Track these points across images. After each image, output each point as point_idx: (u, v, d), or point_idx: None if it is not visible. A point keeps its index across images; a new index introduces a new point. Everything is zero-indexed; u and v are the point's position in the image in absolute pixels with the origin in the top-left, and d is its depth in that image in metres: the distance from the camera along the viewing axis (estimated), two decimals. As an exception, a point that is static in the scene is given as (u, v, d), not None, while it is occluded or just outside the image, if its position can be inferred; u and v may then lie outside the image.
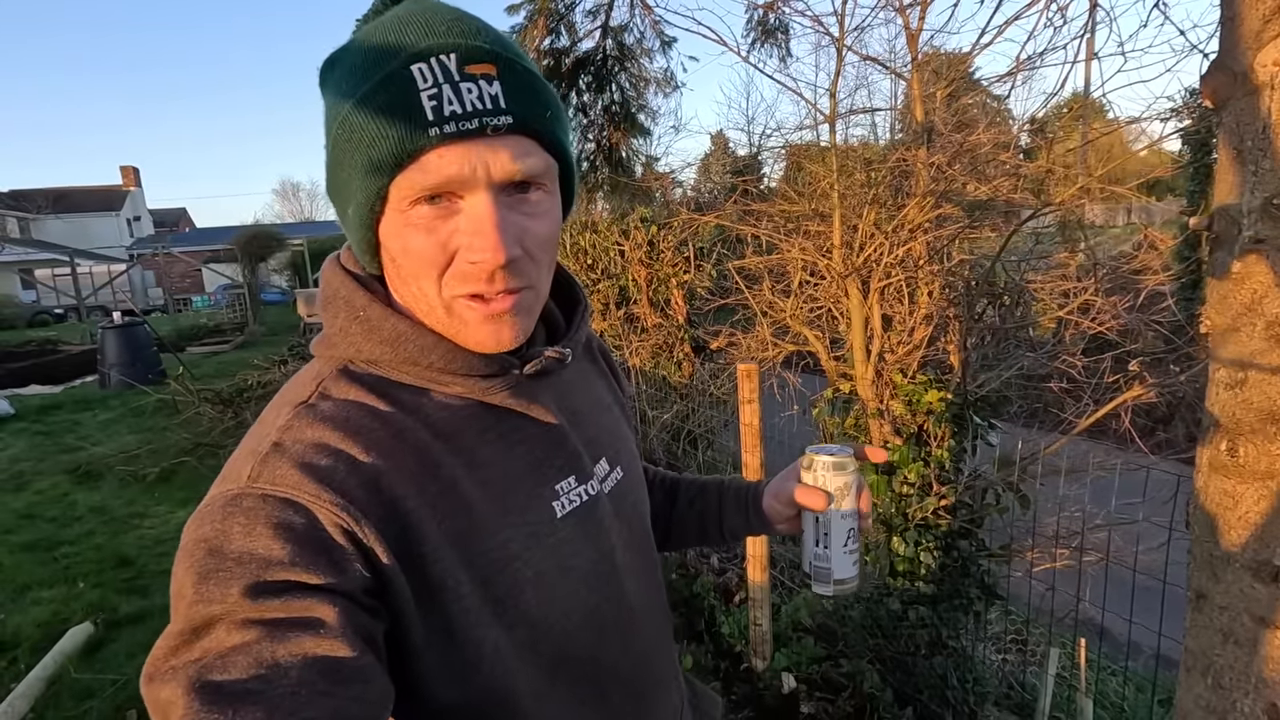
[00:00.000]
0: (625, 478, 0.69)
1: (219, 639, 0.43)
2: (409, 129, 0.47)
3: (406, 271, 0.53)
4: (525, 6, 2.99)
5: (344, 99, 0.50)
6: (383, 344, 0.55)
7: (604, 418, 0.71)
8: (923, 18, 2.65)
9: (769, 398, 3.33)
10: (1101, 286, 2.48)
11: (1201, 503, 1.06)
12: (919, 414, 2.59)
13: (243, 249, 16.66)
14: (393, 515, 0.50)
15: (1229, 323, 1.03)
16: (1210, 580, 1.02)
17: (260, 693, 0.40)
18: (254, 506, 0.46)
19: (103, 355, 8.92)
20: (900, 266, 2.62)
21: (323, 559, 0.46)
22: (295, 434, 0.50)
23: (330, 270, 0.59)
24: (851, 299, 2.52)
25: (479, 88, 0.48)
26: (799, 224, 2.94)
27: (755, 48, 3.98)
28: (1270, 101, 0.98)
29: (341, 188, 0.52)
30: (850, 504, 0.71)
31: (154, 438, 5.65)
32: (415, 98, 0.47)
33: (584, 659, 0.61)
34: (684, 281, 4.97)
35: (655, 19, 3.26)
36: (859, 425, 2.77)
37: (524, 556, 0.56)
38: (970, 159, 2.53)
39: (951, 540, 2.52)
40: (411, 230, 0.50)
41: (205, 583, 0.44)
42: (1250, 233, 0.99)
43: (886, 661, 2.53)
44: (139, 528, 4.07)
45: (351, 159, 0.50)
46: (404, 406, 0.55)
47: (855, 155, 2.94)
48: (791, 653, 2.57)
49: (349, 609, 0.46)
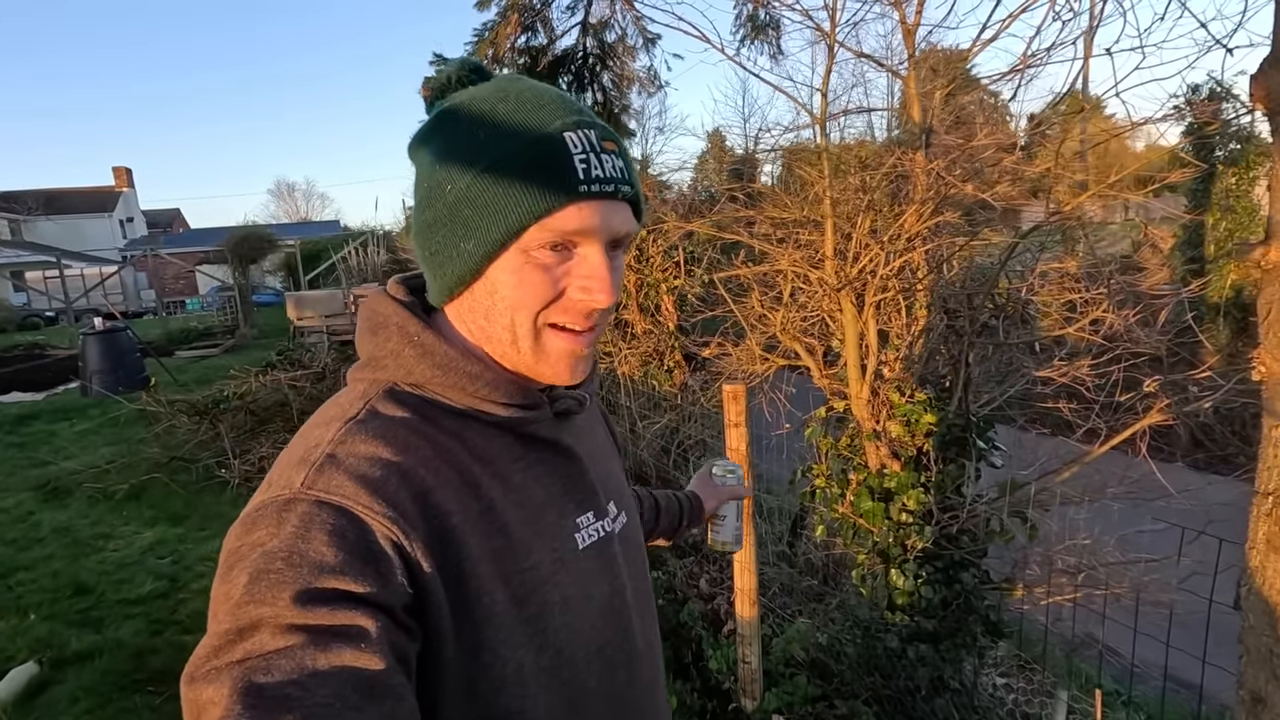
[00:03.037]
0: (629, 524, 0.74)
1: (263, 641, 0.44)
2: (564, 182, 0.55)
3: (508, 303, 0.58)
4: (496, 2, 2.82)
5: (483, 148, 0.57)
6: (435, 368, 0.59)
7: (609, 463, 0.78)
8: (919, 12, 2.47)
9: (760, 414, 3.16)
10: (1113, 300, 2.30)
11: (1257, 586, 0.88)
12: (918, 435, 2.42)
13: (233, 251, 16.44)
14: (438, 530, 0.53)
15: (1292, 372, 0.86)
16: (1270, 682, 0.85)
17: (297, 700, 0.42)
18: (309, 511, 0.49)
19: (84, 362, 8.73)
20: (897, 278, 2.45)
21: (370, 569, 0.48)
22: (349, 447, 0.53)
23: (380, 300, 0.64)
24: (845, 313, 2.35)
25: (611, 160, 0.58)
26: (790, 231, 2.77)
27: (745, 44, 3.80)
28: (1345, 105, 0.81)
29: (460, 224, 0.57)
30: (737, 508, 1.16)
31: (128, 450, 5.47)
32: (570, 160, 0.56)
33: (596, 690, 0.63)
34: (674, 287, 4.81)
35: (637, 15, 3.10)
36: (854, 446, 2.60)
37: (553, 580, 0.60)
38: (970, 162, 2.35)
39: (953, 572, 2.35)
40: (532, 268, 0.57)
41: (257, 583, 0.46)
42: (1320, 265, 0.82)
43: (884, 702, 2.37)
44: (102, 550, 3.89)
45: (493, 200, 0.56)
46: (446, 429, 0.59)
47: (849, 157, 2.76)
48: (783, 692, 2.40)
49: (388, 625, 0.48)
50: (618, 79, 3.36)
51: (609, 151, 0.58)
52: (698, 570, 3.33)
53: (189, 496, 4.60)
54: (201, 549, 3.84)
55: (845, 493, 2.57)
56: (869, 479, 2.46)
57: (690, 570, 3.33)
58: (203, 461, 5.03)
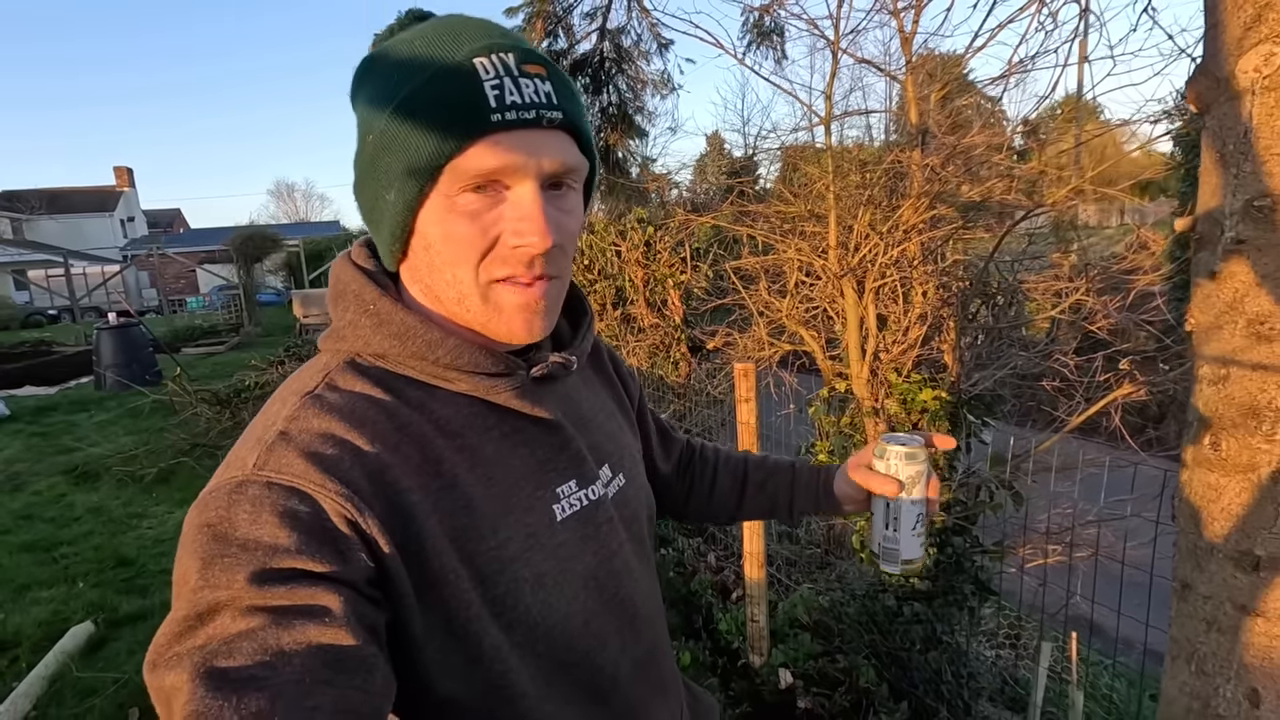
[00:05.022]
0: (628, 484, 0.71)
1: (224, 625, 0.43)
2: (472, 114, 0.50)
3: (444, 258, 0.54)
4: (524, 9, 3.01)
5: (394, 89, 0.52)
6: (391, 337, 0.56)
7: (608, 425, 0.73)
8: (916, 21, 2.68)
9: (766, 396, 3.36)
10: (1094, 286, 2.51)
11: (1186, 496, 1.09)
12: (914, 412, 2.62)
13: (237, 250, 16.63)
14: (395, 507, 0.51)
15: (1212, 321, 1.07)
16: (1195, 570, 1.05)
17: (265, 679, 0.41)
18: (260, 494, 0.47)
19: (98, 356, 8.90)
20: (895, 267, 2.65)
21: (328, 548, 0.47)
22: (301, 423, 0.51)
23: (341, 265, 0.61)
24: (847, 298, 2.56)
25: (535, 84, 0.51)
26: (795, 224, 2.97)
27: (751, 50, 4.01)
28: (1250, 107, 1.01)
29: (380, 174, 0.53)
30: (920, 491, 0.74)
31: (151, 438, 5.64)
32: (479, 87, 0.50)
33: (583, 663, 0.61)
34: (681, 282, 5.00)
35: (653, 21, 3.29)
36: (854, 424, 2.81)
37: (523, 558, 0.57)
38: (964, 161, 2.56)
39: (946, 537, 2.55)
40: (456, 216, 0.52)
41: (210, 568, 0.44)
42: (1232, 234, 1.03)
43: (882, 657, 2.56)
44: (137, 528, 4.07)
45: (402, 144, 0.51)
46: (409, 401, 0.56)
47: (850, 157, 2.97)
48: (788, 649, 2.60)
49: (353, 598, 0.46)
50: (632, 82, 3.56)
51: (531, 75, 0.52)
52: (705, 548, 3.53)
53: (214, 480, 4.76)
54: (231, 527, 4.02)
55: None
56: (868, 452, 2.66)
57: (698, 548, 3.52)
58: (226, 448, 5.18)
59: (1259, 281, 1.00)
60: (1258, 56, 0.99)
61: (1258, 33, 1.00)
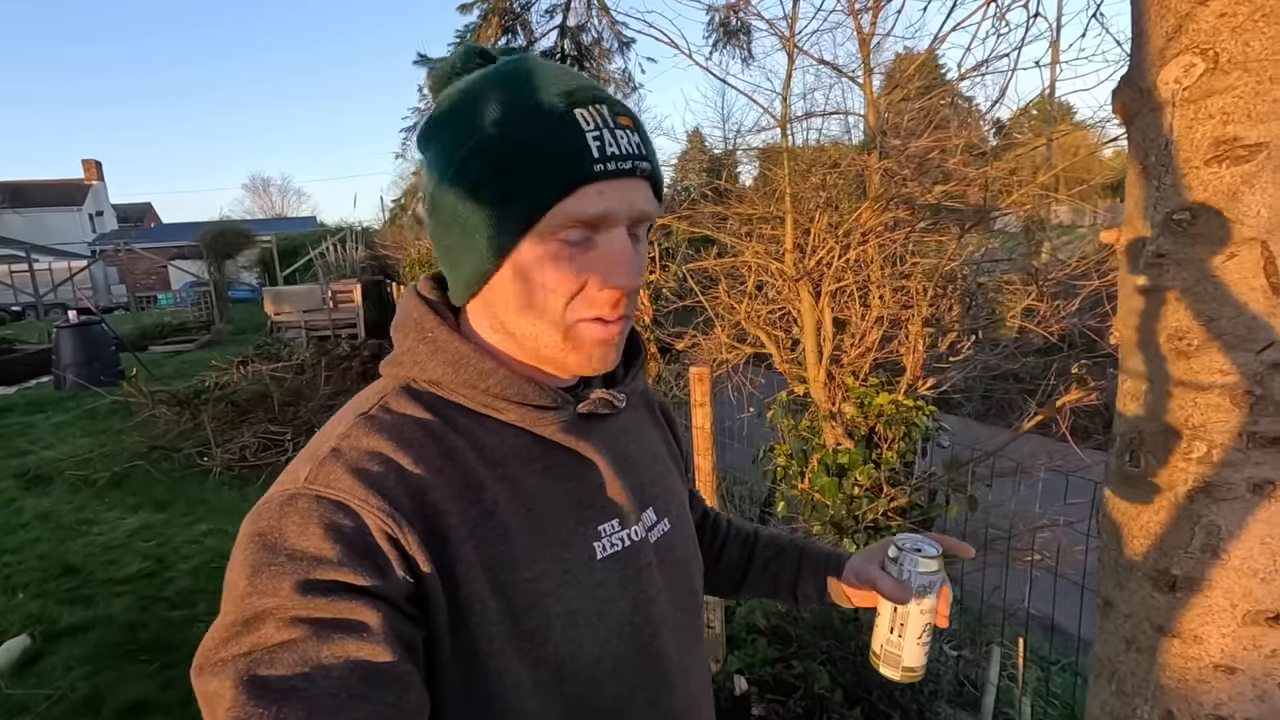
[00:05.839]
0: (672, 531, 0.69)
1: (267, 634, 0.45)
2: (578, 163, 0.52)
3: (531, 297, 0.55)
4: (478, 5, 2.96)
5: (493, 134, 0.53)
6: (445, 365, 0.58)
7: (655, 468, 0.72)
8: (874, 22, 2.66)
9: (727, 399, 3.34)
10: (1047, 291, 2.52)
11: (1109, 511, 1.07)
12: (870, 416, 2.61)
13: (208, 246, 16.31)
14: (433, 528, 0.52)
15: (1134, 335, 1.05)
16: (1116, 588, 1.04)
17: (303, 691, 0.42)
18: (308, 507, 0.49)
19: (58, 355, 8.67)
20: (852, 270, 2.64)
21: (369, 562, 0.48)
22: (352, 441, 0.54)
23: (407, 296, 0.63)
24: (803, 302, 2.54)
25: (627, 135, 0.54)
26: (755, 227, 2.95)
27: (717, 49, 3.98)
28: (1171, 119, 0.99)
29: (472, 215, 0.54)
30: (930, 601, 0.71)
31: (107, 441, 5.50)
32: (582, 137, 0.52)
33: (609, 710, 0.60)
34: (650, 282, 4.96)
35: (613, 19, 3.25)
36: (813, 427, 2.80)
37: (557, 593, 0.56)
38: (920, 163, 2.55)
39: (902, 542, 2.55)
40: (552, 260, 0.54)
41: (258, 576, 0.47)
42: (1153, 248, 1.01)
43: (838, 662, 2.56)
44: (87, 534, 3.96)
45: (503, 187, 0.53)
46: (457, 427, 0.57)
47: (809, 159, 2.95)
48: (744, 655, 2.58)
49: (391, 614, 0.48)
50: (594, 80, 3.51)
51: (624, 127, 0.54)
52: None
53: (171, 484, 4.66)
54: (186, 533, 3.92)
55: (805, 471, 2.76)
56: (825, 456, 2.65)
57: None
58: (184, 451, 5.09)
59: (1179, 296, 0.99)
60: (1178, 67, 0.98)
61: (1179, 43, 0.98)
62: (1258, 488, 0.91)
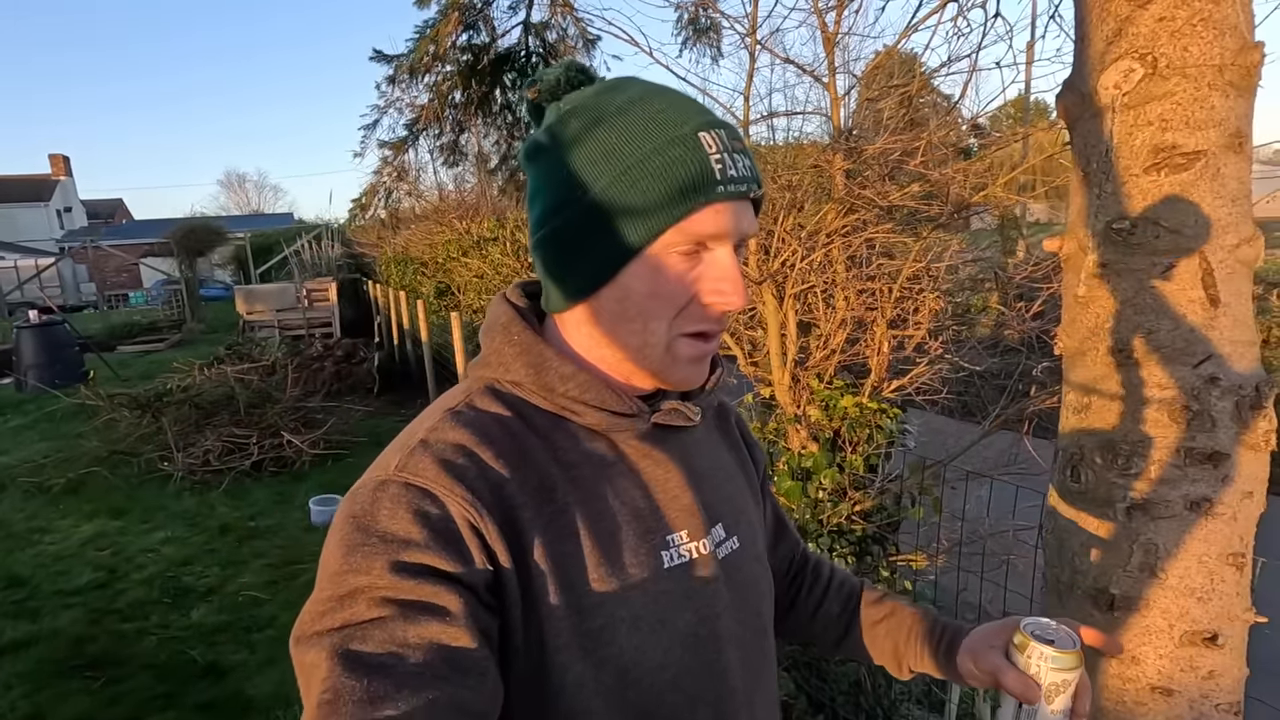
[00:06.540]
0: (742, 549, 0.68)
1: (359, 611, 0.48)
2: (704, 183, 0.54)
3: (641, 309, 0.57)
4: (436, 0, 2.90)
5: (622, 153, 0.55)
6: (528, 367, 0.60)
7: (727, 486, 0.71)
8: (839, 21, 2.64)
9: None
10: (1010, 293, 2.51)
11: (1051, 527, 1.05)
12: (835, 419, 2.59)
13: (180, 243, 16.00)
14: (510, 521, 0.54)
15: (1077, 346, 1.03)
16: (1057, 605, 1.02)
17: (392, 667, 0.45)
18: (398, 493, 0.52)
19: (18, 357, 8.43)
20: (816, 272, 2.61)
21: (452, 548, 0.51)
22: (439, 434, 0.56)
23: (497, 303, 0.66)
24: (767, 305, 2.51)
25: (743, 160, 0.57)
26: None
27: (686, 47, 3.94)
28: (1111, 124, 0.97)
29: (599, 229, 0.56)
30: (1064, 703, 0.60)
31: (66, 445, 5.35)
32: (707, 160, 0.55)
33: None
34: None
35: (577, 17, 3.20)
36: (779, 430, 2.77)
37: (622, 597, 0.57)
38: (883, 164, 2.53)
39: (865, 545, 2.53)
40: (665, 274, 0.56)
41: (353, 554, 0.50)
42: (1094, 256, 0.98)
43: (801, 667, 2.53)
44: (38, 544, 3.83)
45: (631, 203, 0.55)
46: (535, 428, 0.60)
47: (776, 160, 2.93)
48: (709, 661, 2.55)
49: (471, 601, 0.50)
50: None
51: (740, 151, 0.57)
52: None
53: (130, 490, 4.54)
54: (142, 541, 3.81)
55: (771, 474, 2.74)
56: (790, 460, 2.62)
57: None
58: (145, 455, 4.95)
59: (1119, 307, 0.96)
60: (1118, 72, 0.95)
61: (1118, 47, 0.95)
62: (1195, 505, 0.89)
